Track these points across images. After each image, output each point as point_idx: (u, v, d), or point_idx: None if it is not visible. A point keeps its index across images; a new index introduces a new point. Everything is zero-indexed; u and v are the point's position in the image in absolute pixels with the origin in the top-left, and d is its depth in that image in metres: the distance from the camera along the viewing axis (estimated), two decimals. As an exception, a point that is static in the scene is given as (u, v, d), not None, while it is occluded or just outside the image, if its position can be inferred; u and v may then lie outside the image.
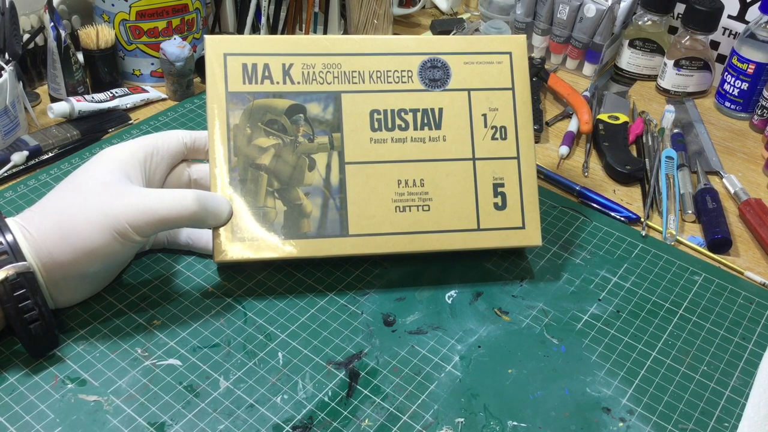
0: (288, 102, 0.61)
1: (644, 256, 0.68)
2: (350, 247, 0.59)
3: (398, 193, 0.61)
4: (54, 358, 0.55)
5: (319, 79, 0.61)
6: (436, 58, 0.63)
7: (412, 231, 0.60)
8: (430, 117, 0.62)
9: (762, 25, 0.86)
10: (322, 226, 0.59)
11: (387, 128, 0.61)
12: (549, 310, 0.62)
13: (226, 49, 0.60)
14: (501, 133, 0.63)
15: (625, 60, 0.97)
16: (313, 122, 0.61)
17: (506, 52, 0.64)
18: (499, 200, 0.62)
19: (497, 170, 0.62)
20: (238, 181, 0.59)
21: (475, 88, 0.63)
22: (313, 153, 0.60)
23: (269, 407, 0.52)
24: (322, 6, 0.98)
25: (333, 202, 0.60)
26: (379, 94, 0.62)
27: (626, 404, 0.55)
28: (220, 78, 0.60)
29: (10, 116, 0.74)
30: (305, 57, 0.61)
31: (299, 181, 0.60)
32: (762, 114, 0.88)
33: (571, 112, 0.89)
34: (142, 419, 0.51)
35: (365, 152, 0.61)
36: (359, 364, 0.56)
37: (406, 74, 0.63)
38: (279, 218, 0.59)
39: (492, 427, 0.52)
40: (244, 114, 0.60)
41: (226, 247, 0.58)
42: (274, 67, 0.61)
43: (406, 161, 0.61)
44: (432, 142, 0.62)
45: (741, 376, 0.57)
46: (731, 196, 0.78)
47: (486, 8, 1.01)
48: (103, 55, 0.82)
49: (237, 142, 0.59)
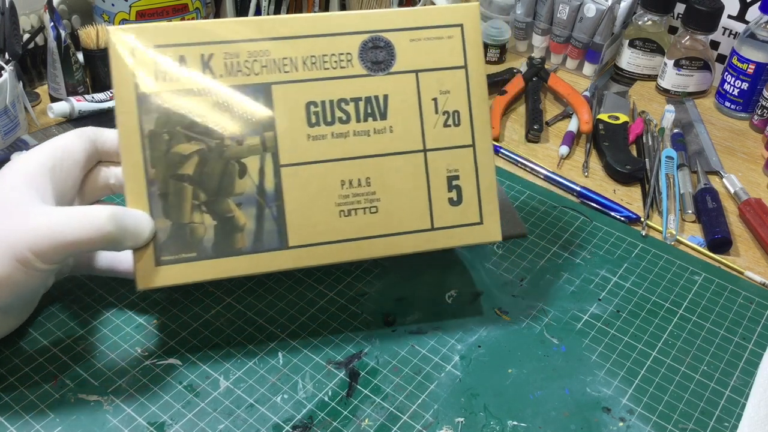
0: (210, 99, 0.53)
1: (644, 256, 0.68)
2: (291, 260, 0.53)
3: (342, 195, 0.54)
4: (54, 358, 0.55)
5: (245, 70, 0.53)
6: (377, 36, 0.55)
7: (359, 237, 0.54)
8: (374, 106, 0.55)
9: (762, 25, 0.86)
10: (258, 239, 0.53)
11: (326, 122, 0.54)
12: (549, 310, 0.62)
13: (133, 41, 0.52)
14: (454, 119, 0.56)
15: (625, 60, 0.97)
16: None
17: (457, 24, 0.56)
18: (454, 195, 0.56)
19: (451, 161, 0.56)
20: (158, 195, 0.51)
21: (424, 69, 0.56)
22: (243, 157, 0.53)
23: (269, 407, 0.52)
24: (322, 6, 0.98)
25: (269, 212, 0.53)
26: (315, 83, 0.54)
27: (626, 404, 0.55)
28: (129, 77, 0.51)
29: (10, 116, 0.74)
30: (227, 45, 0.53)
31: (229, 190, 0.53)
32: (762, 114, 0.88)
33: (571, 112, 0.89)
34: (142, 419, 0.51)
35: (303, 152, 0.54)
36: (359, 364, 0.56)
37: (345, 58, 0.55)
38: (209, 234, 0.52)
39: (492, 426, 0.52)
40: (159, 117, 0.52)
41: (150, 272, 0.51)
42: (191, 59, 0.52)
43: (350, 158, 0.54)
44: (377, 134, 0.55)
45: (741, 376, 0.57)
46: (731, 196, 0.78)
47: (486, 8, 1.01)
48: (103, 55, 0.82)
49: (154, 152, 0.51)
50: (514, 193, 0.75)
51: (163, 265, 0.51)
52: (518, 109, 0.91)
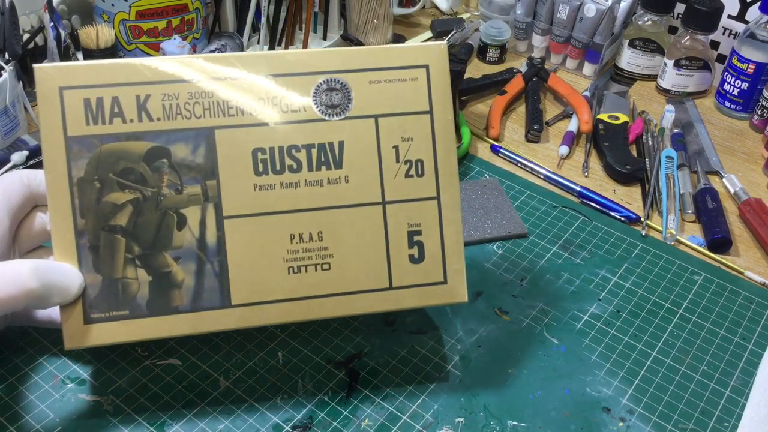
0: (147, 144, 0.49)
1: (644, 256, 0.68)
2: (234, 320, 0.49)
3: (291, 250, 0.50)
4: (54, 358, 0.55)
5: (185, 113, 0.49)
6: (333, 78, 0.51)
7: (309, 296, 0.50)
8: (329, 153, 0.50)
9: (762, 25, 0.86)
10: (197, 297, 0.49)
11: (275, 171, 0.50)
12: (549, 310, 0.62)
13: (62, 81, 0.48)
14: (417, 169, 0.51)
15: (625, 60, 0.97)
16: (181, 168, 0.49)
17: (422, 65, 0.52)
18: (416, 251, 0.51)
19: (413, 215, 0.51)
20: (88, 248, 0.48)
21: (384, 114, 0.51)
22: (183, 207, 0.49)
23: (269, 407, 0.53)
24: (322, 6, 0.98)
25: (210, 267, 0.49)
26: (263, 127, 0.50)
27: (626, 404, 0.55)
28: (56, 119, 0.47)
29: (10, 116, 0.74)
30: (165, 85, 0.49)
31: (166, 243, 0.49)
32: (762, 114, 0.88)
33: (571, 112, 0.89)
34: (142, 419, 0.51)
35: (248, 202, 0.49)
36: (359, 364, 0.56)
37: (297, 100, 0.50)
38: (143, 291, 0.48)
39: (492, 426, 0.52)
40: (90, 163, 0.48)
41: (78, 330, 0.48)
42: (125, 100, 0.48)
43: (300, 211, 0.50)
44: (331, 184, 0.50)
45: (741, 376, 0.57)
46: (731, 196, 0.78)
47: (486, 8, 1.01)
48: (102, 55, 0.82)
49: (84, 200, 0.48)
50: (514, 193, 0.75)
51: (92, 323, 0.48)
52: (518, 109, 0.91)
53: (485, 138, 0.84)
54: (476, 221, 0.70)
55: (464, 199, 0.72)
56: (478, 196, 0.73)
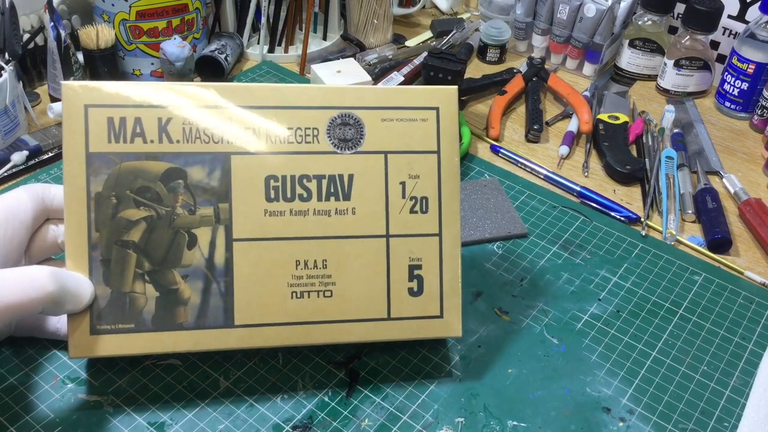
0: (164, 165, 0.50)
1: (644, 256, 0.68)
2: (235, 340, 0.51)
3: (296, 276, 0.52)
4: (54, 358, 0.55)
5: (203, 138, 0.51)
6: (347, 113, 0.53)
7: (310, 321, 0.52)
8: (338, 185, 0.52)
9: (762, 25, 0.86)
10: (202, 315, 0.50)
11: (285, 198, 0.51)
12: (549, 310, 0.62)
13: (88, 99, 0.50)
14: (422, 206, 0.53)
15: (625, 60, 0.97)
16: (196, 190, 0.51)
17: (432, 107, 0.54)
18: (415, 285, 0.53)
19: (415, 249, 0.53)
20: (100, 261, 0.49)
21: (394, 151, 0.53)
22: (194, 227, 0.50)
23: (269, 407, 0.53)
24: (322, 6, 0.98)
25: (216, 287, 0.51)
26: (277, 156, 0.52)
27: (626, 404, 0.55)
28: (80, 135, 0.49)
29: (10, 116, 0.74)
30: (187, 110, 0.51)
31: (176, 261, 0.50)
32: (762, 114, 0.88)
33: (571, 112, 0.89)
34: (142, 419, 0.51)
35: (258, 227, 0.51)
36: (359, 364, 0.56)
37: (312, 132, 0.52)
38: (149, 306, 0.50)
39: (492, 426, 0.52)
40: (108, 180, 0.49)
41: (84, 340, 0.49)
42: (147, 121, 0.50)
43: (307, 238, 0.52)
44: (339, 215, 0.52)
45: (741, 376, 0.57)
46: (731, 196, 0.78)
47: (486, 8, 1.01)
48: (103, 55, 0.82)
49: (99, 214, 0.49)
50: (514, 193, 0.75)
51: (99, 335, 0.49)
52: (518, 109, 0.91)
53: (485, 138, 0.84)
54: (476, 221, 0.70)
55: (464, 199, 0.72)
56: (478, 196, 0.73)
